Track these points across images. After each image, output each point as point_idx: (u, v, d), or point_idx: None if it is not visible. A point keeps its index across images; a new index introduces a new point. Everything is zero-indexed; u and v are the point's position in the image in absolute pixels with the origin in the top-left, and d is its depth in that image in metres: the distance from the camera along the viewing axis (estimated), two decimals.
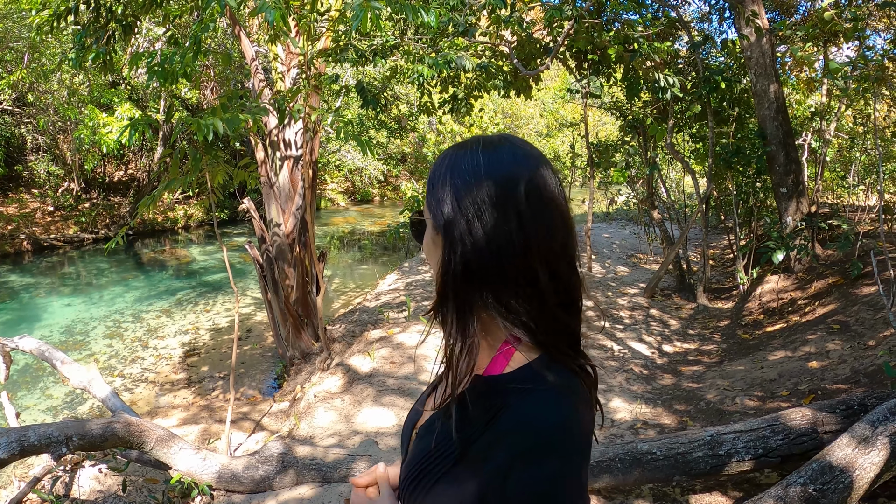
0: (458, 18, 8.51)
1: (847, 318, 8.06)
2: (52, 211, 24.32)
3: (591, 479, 4.74)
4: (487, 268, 1.25)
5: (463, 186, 1.28)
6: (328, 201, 34.58)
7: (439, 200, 1.32)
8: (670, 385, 7.80)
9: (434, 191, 1.34)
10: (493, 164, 1.29)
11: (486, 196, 1.26)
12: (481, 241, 1.25)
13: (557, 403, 1.21)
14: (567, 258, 1.31)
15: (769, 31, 10.64)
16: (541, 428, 1.17)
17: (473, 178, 1.28)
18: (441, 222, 1.30)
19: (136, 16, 8.34)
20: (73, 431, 5.22)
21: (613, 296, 12.09)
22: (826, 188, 17.48)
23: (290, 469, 5.52)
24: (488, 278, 1.26)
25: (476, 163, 1.30)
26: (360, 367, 8.46)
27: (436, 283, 1.34)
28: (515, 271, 1.25)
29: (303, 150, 9.35)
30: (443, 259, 1.30)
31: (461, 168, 1.31)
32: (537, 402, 1.21)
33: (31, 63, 18.99)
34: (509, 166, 1.29)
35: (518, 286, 1.25)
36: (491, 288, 1.26)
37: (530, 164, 1.31)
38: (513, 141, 1.36)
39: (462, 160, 1.32)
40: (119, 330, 13.22)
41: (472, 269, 1.26)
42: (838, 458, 3.92)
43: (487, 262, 1.25)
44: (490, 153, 1.31)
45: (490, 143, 1.35)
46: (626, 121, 13.71)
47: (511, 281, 1.25)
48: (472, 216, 1.26)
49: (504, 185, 1.27)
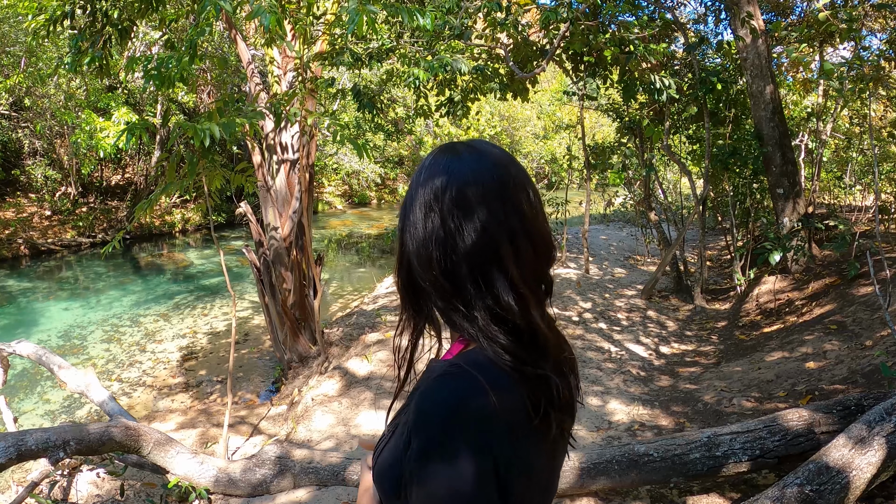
0: (454, 21, 8.52)
1: (844, 319, 8.07)
2: (50, 215, 24.30)
3: (587, 480, 4.75)
4: (422, 268, 1.33)
5: (424, 192, 1.34)
6: (325, 204, 34.55)
7: (406, 205, 1.38)
8: (668, 386, 7.80)
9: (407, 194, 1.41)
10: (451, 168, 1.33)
11: (422, 200, 1.33)
12: (418, 242, 1.32)
13: (454, 389, 1.22)
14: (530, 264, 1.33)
15: (765, 33, 10.67)
16: (428, 408, 1.22)
17: (435, 181, 1.33)
18: (399, 224, 1.39)
19: (132, 20, 8.34)
20: (71, 436, 5.22)
21: (611, 297, 12.09)
22: (823, 189, 17.52)
23: (288, 473, 5.52)
24: (427, 278, 1.33)
25: (437, 167, 1.35)
26: (358, 371, 8.46)
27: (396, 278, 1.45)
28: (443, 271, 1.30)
29: (299, 153, 9.36)
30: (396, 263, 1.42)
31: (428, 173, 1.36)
32: (439, 384, 1.24)
33: (28, 67, 18.96)
34: (442, 172, 1.33)
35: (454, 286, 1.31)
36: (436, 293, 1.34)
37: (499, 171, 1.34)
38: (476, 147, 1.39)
39: (423, 164, 1.39)
40: (117, 334, 13.21)
41: (412, 269, 1.36)
42: (835, 459, 3.92)
43: (423, 262, 1.32)
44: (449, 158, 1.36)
45: (456, 147, 1.39)
46: (623, 122, 13.73)
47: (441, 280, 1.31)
48: (414, 220, 1.33)
49: (435, 189, 1.32)
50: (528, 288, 1.32)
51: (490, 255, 1.29)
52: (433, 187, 1.32)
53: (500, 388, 1.24)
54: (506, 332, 1.29)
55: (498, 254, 1.29)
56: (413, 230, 1.33)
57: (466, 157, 1.35)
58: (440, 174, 1.33)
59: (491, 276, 1.29)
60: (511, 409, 1.24)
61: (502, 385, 1.25)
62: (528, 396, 1.27)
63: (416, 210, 1.33)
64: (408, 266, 1.37)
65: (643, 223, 16.15)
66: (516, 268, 1.30)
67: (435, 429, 1.19)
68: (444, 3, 8.57)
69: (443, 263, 1.30)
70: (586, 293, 12.17)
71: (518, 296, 1.30)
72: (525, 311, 1.31)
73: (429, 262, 1.31)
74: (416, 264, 1.34)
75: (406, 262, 1.37)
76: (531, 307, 1.32)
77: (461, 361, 1.28)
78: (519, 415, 1.26)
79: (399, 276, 1.41)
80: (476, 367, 1.25)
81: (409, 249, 1.35)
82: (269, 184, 9.46)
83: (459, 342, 1.38)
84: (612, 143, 15.12)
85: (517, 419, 1.25)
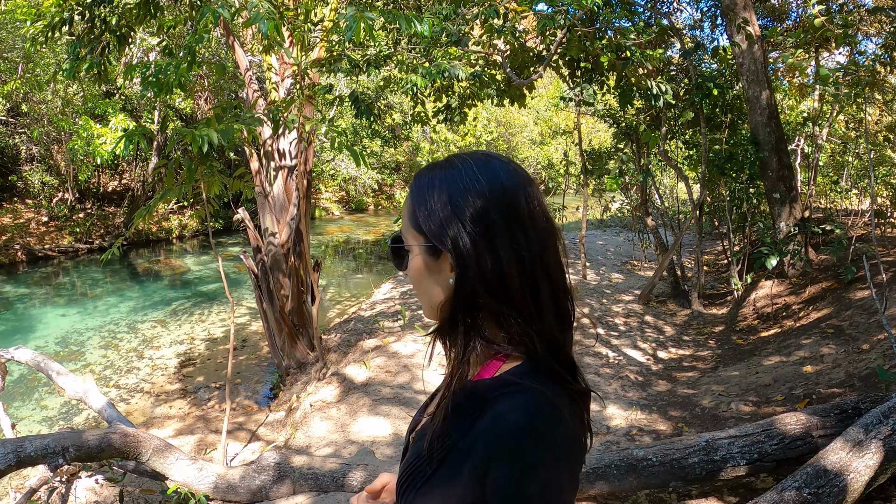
0: (451, 28, 8.54)
1: (841, 323, 8.09)
2: (47, 221, 24.31)
3: (586, 485, 4.76)
4: (496, 287, 1.26)
5: (469, 209, 1.27)
6: (322, 210, 34.57)
7: (442, 227, 1.29)
8: (665, 391, 7.82)
9: (432, 216, 1.31)
10: (492, 180, 1.29)
11: (494, 217, 1.26)
12: (493, 264, 1.25)
13: (533, 406, 1.20)
14: (560, 262, 1.33)
15: (760, 38, 10.70)
16: (514, 429, 1.17)
17: (477, 196, 1.28)
18: (452, 251, 1.28)
19: (130, 26, 8.36)
20: (70, 442, 5.22)
21: (608, 303, 12.11)
22: (819, 193, 17.55)
23: (287, 479, 5.53)
24: (498, 300, 1.26)
25: (477, 182, 1.29)
26: (356, 377, 8.47)
27: (441, 309, 1.34)
28: (521, 288, 1.26)
29: (297, 160, 9.37)
30: (455, 286, 1.29)
31: (460, 189, 1.29)
32: (513, 404, 1.21)
33: (26, 73, 19.00)
34: (507, 182, 1.30)
35: (524, 302, 1.26)
36: (497, 310, 1.27)
37: (522, 179, 1.32)
38: (497, 156, 1.36)
39: (458, 180, 1.31)
40: (114, 340, 13.21)
41: (482, 294, 1.27)
42: (833, 462, 3.93)
43: (496, 281, 1.25)
44: (486, 169, 1.31)
45: (478, 158, 1.35)
46: (620, 128, 13.76)
47: (516, 298, 1.26)
48: (483, 239, 1.26)
49: (508, 202, 1.28)
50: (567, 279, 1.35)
51: (557, 249, 1.32)
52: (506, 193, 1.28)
53: (564, 404, 1.25)
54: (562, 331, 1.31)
55: (559, 246, 1.33)
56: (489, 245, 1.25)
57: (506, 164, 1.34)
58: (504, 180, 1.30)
59: (559, 270, 1.32)
60: (573, 424, 1.26)
61: (564, 401, 1.26)
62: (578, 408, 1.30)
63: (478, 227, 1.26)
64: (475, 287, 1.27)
65: (640, 228, 16.17)
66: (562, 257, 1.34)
67: (525, 450, 1.16)
68: (441, 9, 8.59)
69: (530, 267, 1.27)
70: (583, 298, 12.18)
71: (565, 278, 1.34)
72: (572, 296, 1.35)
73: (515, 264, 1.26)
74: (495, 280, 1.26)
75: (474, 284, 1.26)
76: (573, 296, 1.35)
77: (519, 378, 1.26)
78: (578, 429, 1.28)
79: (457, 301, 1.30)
80: (536, 382, 1.24)
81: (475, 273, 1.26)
82: (266, 190, 9.47)
83: (498, 359, 1.32)
84: (609, 149, 15.15)
85: (578, 434, 1.28)
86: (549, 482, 1.16)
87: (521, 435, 1.17)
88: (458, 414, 1.28)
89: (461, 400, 1.30)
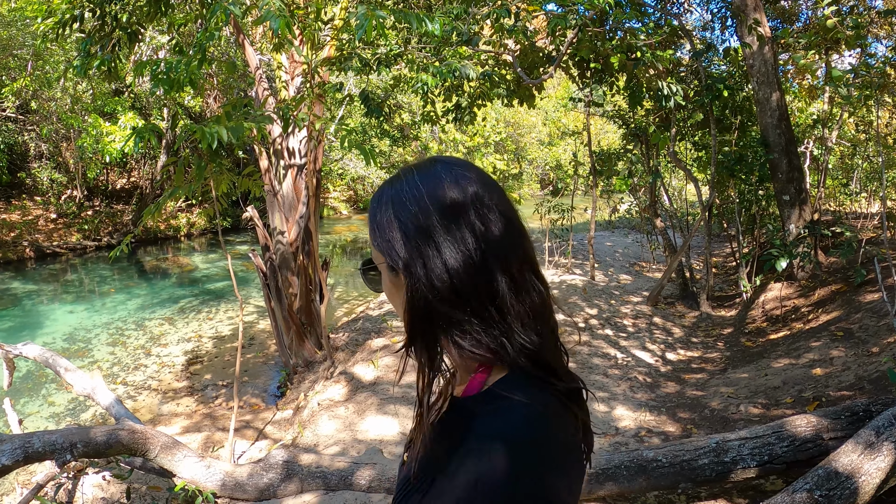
0: (462, 27, 8.53)
1: (850, 325, 8.06)
2: (55, 218, 24.36)
3: (595, 486, 4.74)
4: (449, 296, 1.22)
5: (410, 220, 1.25)
6: (330, 210, 34.61)
7: (389, 242, 1.28)
8: (674, 393, 7.79)
9: (382, 233, 1.30)
10: (432, 186, 1.27)
11: (435, 222, 1.23)
12: (440, 270, 1.21)
13: (521, 421, 1.16)
14: (528, 262, 1.28)
15: (771, 40, 10.66)
16: (502, 447, 1.12)
17: (418, 206, 1.25)
18: (400, 264, 1.26)
19: (140, 24, 8.37)
20: (78, 438, 5.22)
21: (617, 304, 12.08)
22: (828, 195, 17.50)
23: (295, 477, 5.52)
24: (452, 307, 1.22)
25: (416, 190, 1.27)
26: (364, 376, 8.46)
27: (404, 323, 1.30)
28: (475, 291, 1.22)
29: (306, 158, 9.37)
30: (407, 299, 1.26)
31: (402, 201, 1.28)
32: (499, 420, 1.17)
33: (35, 70, 19.03)
34: (450, 186, 1.26)
35: (481, 307, 1.22)
36: (455, 318, 1.23)
37: (468, 178, 1.28)
38: (443, 160, 1.33)
39: (401, 193, 1.29)
40: (122, 337, 13.23)
41: (435, 304, 1.23)
42: (844, 465, 3.92)
43: (448, 290, 1.21)
44: (426, 176, 1.29)
45: (422, 167, 1.32)
46: (629, 129, 13.74)
47: (473, 302, 1.22)
48: (426, 247, 1.23)
49: (452, 206, 1.24)
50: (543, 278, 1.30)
51: (519, 249, 1.26)
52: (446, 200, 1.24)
53: (554, 412, 1.21)
54: (536, 333, 1.24)
55: (524, 246, 1.27)
56: (431, 248, 1.22)
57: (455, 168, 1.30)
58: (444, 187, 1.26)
59: (523, 270, 1.25)
60: (566, 431, 1.22)
61: (554, 408, 1.22)
62: (570, 411, 1.25)
63: (434, 228, 1.22)
64: (425, 295, 1.23)
65: (649, 230, 16.14)
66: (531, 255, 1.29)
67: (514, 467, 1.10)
68: (452, 9, 8.58)
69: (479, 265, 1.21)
70: (592, 299, 12.16)
71: (538, 278, 1.28)
72: (548, 293, 1.29)
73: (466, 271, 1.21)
74: (446, 280, 1.21)
75: (425, 287, 1.23)
76: (549, 293, 1.30)
77: (503, 391, 1.21)
78: (572, 434, 1.23)
79: (412, 314, 1.27)
80: (523, 394, 1.20)
81: (429, 271, 1.22)
82: (275, 188, 9.47)
83: (481, 373, 1.28)
84: (618, 150, 15.12)
85: (572, 441, 1.23)
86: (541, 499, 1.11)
87: (508, 455, 1.11)
88: (445, 433, 1.25)
89: (448, 416, 1.28)
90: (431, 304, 1.22)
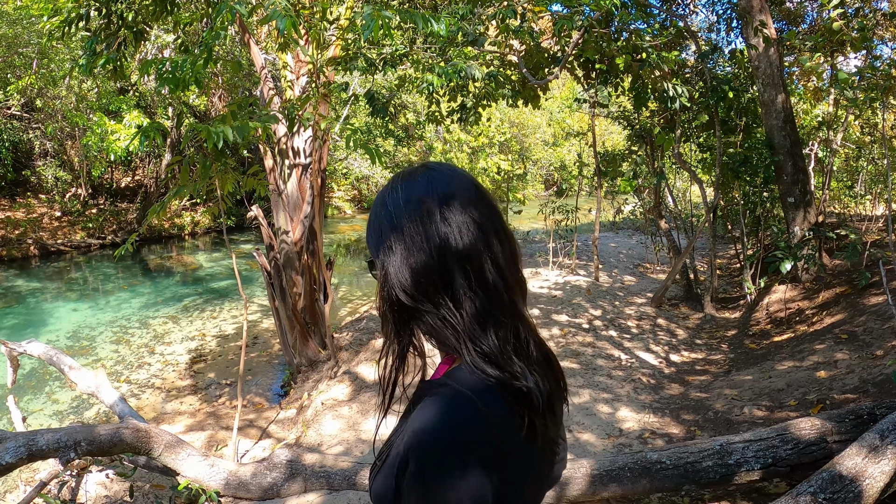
0: (468, 28, 8.52)
1: (855, 328, 8.05)
2: (60, 216, 24.41)
3: (599, 488, 4.74)
4: (411, 291, 1.37)
5: (385, 220, 1.42)
6: (335, 209, 34.64)
7: (369, 238, 1.48)
8: (678, 394, 7.78)
9: (368, 229, 1.49)
10: (409, 191, 1.41)
11: (404, 223, 1.38)
12: (403, 267, 1.37)
13: (439, 410, 1.28)
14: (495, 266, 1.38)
15: (777, 41, 10.65)
16: (429, 430, 1.26)
17: (393, 208, 1.41)
18: (375, 257, 1.45)
19: (146, 23, 8.37)
20: (82, 437, 5.23)
21: (620, 305, 12.08)
22: (833, 198, 17.48)
23: (299, 477, 5.52)
24: (414, 301, 1.38)
25: (395, 194, 1.43)
26: (367, 376, 8.47)
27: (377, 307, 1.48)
28: (434, 287, 1.36)
29: (311, 158, 9.37)
30: (378, 288, 1.43)
31: (384, 203, 1.44)
32: (432, 404, 1.30)
33: (40, 69, 19.04)
34: (424, 192, 1.40)
35: (437, 300, 1.36)
36: (415, 306, 1.38)
37: (442, 182, 1.42)
38: (432, 167, 1.47)
39: (385, 196, 1.45)
40: (125, 336, 13.25)
41: (399, 296, 1.38)
42: (848, 468, 3.91)
43: (410, 286, 1.37)
44: (408, 183, 1.44)
45: (409, 173, 1.47)
46: (634, 130, 13.73)
47: (430, 296, 1.36)
48: (396, 244, 1.38)
49: (422, 210, 1.37)
50: (512, 276, 1.41)
51: (482, 246, 1.36)
52: (416, 203, 1.38)
53: (490, 406, 1.29)
54: (494, 327, 1.35)
55: (489, 246, 1.37)
56: (399, 246, 1.38)
57: (436, 174, 1.44)
58: (419, 191, 1.40)
59: (482, 265, 1.35)
60: (502, 426, 1.29)
61: (492, 402, 1.30)
62: (516, 410, 1.32)
63: (403, 228, 1.38)
64: (392, 284, 1.39)
65: (653, 231, 16.12)
66: (502, 257, 1.39)
67: (433, 451, 1.24)
68: (458, 9, 8.57)
69: (441, 267, 1.35)
70: (596, 301, 12.16)
71: (504, 280, 1.38)
72: (511, 294, 1.39)
73: (425, 270, 1.35)
74: (406, 277, 1.37)
75: (392, 281, 1.39)
76: (515, 294, 1.41)
77: (450, 381, 1.34)
78: (510, 431, 1.31)
79: (383, 299, 1.43)
80: (466, 385, 1.31)
81: (395, 266, 1.38)
82: (280, 188, 9.48)
83: (445, 362, 1.46)
84: (623, 151, 15.12)
85: (509, 436, 1.30)
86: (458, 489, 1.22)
87: (429, 437, 1.25)
88: (410, 407, 1.42)
89: (414, 395, 1.43)
90: (396, 295, 1.39)
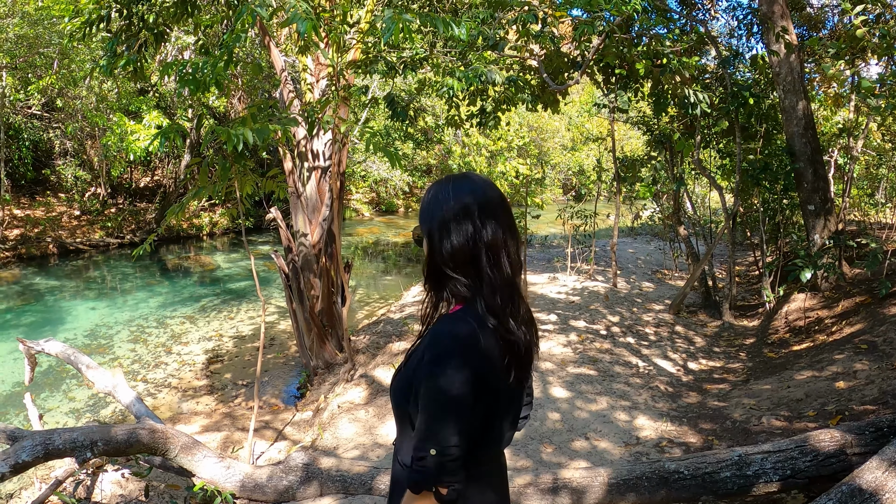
0: (488, 32, 8.51)
1: (875, 338, 7.97)
2: (79, 215, 24.55)
3: (616, 497, 4.71)
4: (449, 262, 2.05)
5: (439, 209, 2.08)
6: (353, 212, 34.71)
7: (426, 220, 2.13)
8: (696, 403, 7.74)
9: (423, 214, 2.15)
10: (457, 194, 2.07)
11: (452, 216, 2.05)
12: (447, 243, 2.04)
13: (454, 326, 1.98)
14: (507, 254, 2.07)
15: (798, 47, 10.58)
16: (443, 335, 1.98)
17: (446, 203, 2.07)
18: (426, 235, 2.13)
19: (167, 25, 8.40)
20: (98, 437, 5.24)
21: (638, 311, 12.03)
22: (853, 205, 17.34)
23: (315, 480, 5.51)
24: (451, 269, 2.05)
25: (446, 194, 2.09)
26: (385, 379, 8.46)
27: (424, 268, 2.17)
28: (465, 263, 2.03)
29: (331, 161, 9.38)
30: (427, 256, 2.13)
31: (437, 197, 2.11)
32: (443, 323, 2.03)
33: (61, 69, 19.15)
34: (467, 194, 2.07)
35: (466, 272, 2.04)
36: (451, 275, 2.06)
37: (480, 191, 2.08)
38: (471, 177, 2.14)
39: (438, 191, 2.12)
40: (143, 335, 13.29)
41: (440, 264, 2.08)
42: (868, 481, 3.87)
43: (449, 258, 2.05)
44: (457, 186, 2.10)
45: (457, 178, 2.14)
46: (653, 136, 13.67)
47: (461, 268, 2.04)
48: (443, 229, 2.05)
49: (463, 209, 2.04)
50: (517, 262, 2.10)
51: (501, 242, 2.05)
52: (463, 202, 2.05)
53: (484, 332, 1.98)
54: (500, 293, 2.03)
55: (505, 241, 2.06)
56: (446, 232, 2.04)
57: (478, 182, 2.11)
58: (464, 195, 2.06)
59: (499, 253, 2.04)
60: (489, 348, 1.98)
61: (486, 331, 1.99)
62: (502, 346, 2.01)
63: (451, 219, 2.04)
64: (438, 258, 2.07)
65: (671, 237, 16.06)
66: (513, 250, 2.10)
67: (443, 346, 1.95)
68: (478, 13, 8.56)
69: (473, 250, 2.02)
70: (614, 307, 12.11)
71: (511, 266, 2.08)
72: (514, 275, 2.09)
73: (462, 250, 2.02)
74: (448, 255, 2.04)
75: (437, 255, 2.07)
76: (516, 274, 2.10)
77: (463, 313, 2.02)
78: (494, 354, 1.99)
79: (430, 266, 2.13)
80: (472, 316, 2.00)
81: (442, 246, 2.05)
82: (299, 190, 9.49)
83: (458, 305, 2.09)
84: (642, 156, 15.05)
85: (492, 356, 1.98)
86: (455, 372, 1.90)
87: (445, 339, 1.97)
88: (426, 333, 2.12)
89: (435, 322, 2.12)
90: (437, 264, 2.09)
